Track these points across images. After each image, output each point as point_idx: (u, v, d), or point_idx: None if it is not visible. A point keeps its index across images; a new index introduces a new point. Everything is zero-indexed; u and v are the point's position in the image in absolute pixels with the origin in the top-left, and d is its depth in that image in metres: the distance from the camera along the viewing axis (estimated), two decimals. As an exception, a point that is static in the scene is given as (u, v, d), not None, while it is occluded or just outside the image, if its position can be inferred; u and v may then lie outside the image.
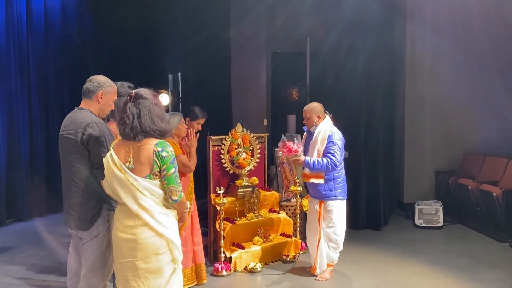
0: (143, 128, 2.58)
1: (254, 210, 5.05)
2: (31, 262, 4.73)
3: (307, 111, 4.37)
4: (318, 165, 4.14)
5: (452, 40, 6.74)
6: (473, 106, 6.79)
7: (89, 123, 2.79)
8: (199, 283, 4.23)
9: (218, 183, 4.96)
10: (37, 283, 4.24)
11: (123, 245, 2.62)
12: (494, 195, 5.67)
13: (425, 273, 4.59)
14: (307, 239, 4.61)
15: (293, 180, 5.57)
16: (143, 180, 2.56)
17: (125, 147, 2.62)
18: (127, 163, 2.58)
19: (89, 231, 2.84)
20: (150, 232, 2.58)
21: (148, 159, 2.58)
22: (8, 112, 6.40)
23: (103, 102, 2.93)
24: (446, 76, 6.85)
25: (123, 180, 2.56)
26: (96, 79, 2.94)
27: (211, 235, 4.94)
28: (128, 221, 2.60)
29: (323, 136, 4.20)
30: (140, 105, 2.62)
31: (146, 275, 2.60)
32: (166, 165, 2.58)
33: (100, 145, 2.77)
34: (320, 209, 4.31)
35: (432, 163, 6.98)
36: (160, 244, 2.59)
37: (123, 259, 2.63)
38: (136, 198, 2.56)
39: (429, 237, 5.83)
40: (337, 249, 4.35)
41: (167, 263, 2.64)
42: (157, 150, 2.57)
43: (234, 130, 5.10)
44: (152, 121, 2.61)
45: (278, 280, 4.45)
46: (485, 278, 4.41)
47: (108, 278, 2.95)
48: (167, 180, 2.60)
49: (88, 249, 2.86)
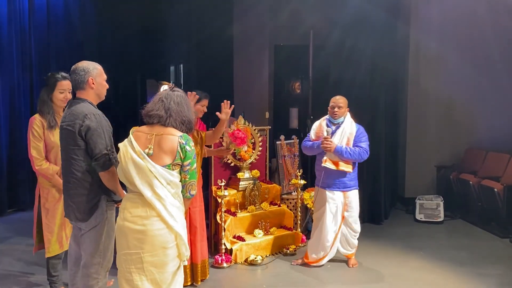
0: (181, 115, 2.63)
1: (255, 202, 5.06)
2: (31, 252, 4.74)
3: (342, 102, 4.42)
4: (351, 151, 4.28)
5: (457, 35, 6.70)
6: (476, 101, 6.77)
7: (86, 114, 2.77)
8: (195, 283, 4.07)
9: (220, 175, 4.97)
10: (38, 271, 4.26)
11: (130, 236, 2.56)
12: (495, 190, 5.66)
13: (425, 267, 4.59)
14: (321, 229, 4.45)
15: (294, 173, 5.57)
16: (162, 168, 2.55)
17: (146, 134, 2.61)
18: (147, 149, 2.57)
19: (87, 222, 2.84)
20: (161, 224, 2.54)
21: (171, 149, 2.56)
22: (10, 105, 6.40)
23: (96, 87, 2.90)
24: (450, 71, 6.81)
25: (141, 166, 2.54)
26: (80, 68, 2.88)
27: (212, 227, 4.95)
28: (139, 211, 2.55)
29: (353, 127, 4.38)
30: (175, 94, 2.67)
31: (150, 268, 2.56)
32: (190, 160, 2.59)
33: (97, 136, 2.76)
34: (345, 200, 4.42)
35: (433, 158, 6.97)
36: (169, 238, 2.57)
37: (128, 251, 2.57)
38: (152, 185, 2.53)
39: (430, 232, 5.83)
40: (357, 236, 4.58)
41: (173, 259, 2.61)
42: (182, 142, 2.57)
43: (236, 123, 5.09)
44: (187, 110, 2.67)
45: (279, 272, 4.47)
46: (485, 273, 4.41)
47: (107, 269, 2.96)
48: (190, 175, 2.62)
49: (87, 240, 2.87)
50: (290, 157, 5.71)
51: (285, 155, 5.68)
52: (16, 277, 4.20)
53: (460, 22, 6.68)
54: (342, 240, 4.55)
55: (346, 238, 4.54)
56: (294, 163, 5.72)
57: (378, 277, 4.37)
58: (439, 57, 6.85)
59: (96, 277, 2.87)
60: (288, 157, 5.70)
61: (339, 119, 4.41)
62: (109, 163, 2.78)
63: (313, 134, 4.54)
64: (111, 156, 2.78)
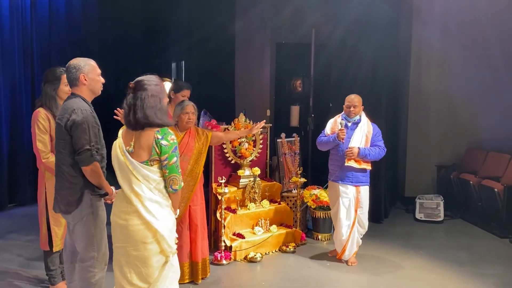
0: (138, 121, 2.58)
1: (255, 200, 5.06)
2: (33, 246, 4.76)
3: (357, 100, 4.52)
4: (374, 152, 4.42)
5: (459, 34, 6.69)
6: (477, 101, 6.76)
7: (74, 109, 2.81)
8: (195, 281, 4.06)
9: (220, 172, 4.97)
10: (38, 266, 4.27)
11: (117, 230, 2.67)
12: (495, 190, 5.66)
13: (424, 266, 4.60)
14: (337, 224, 4.59)
15: (294, 171, 5.57)
16: (138, 164, 2.58)
17: (130, 131, 2.66)
18: (128, 147, 2.62)
19: (72, 214, 2.88)
20: (138, 220, 2.59)
21: (147, 144, 2.59)
22: (12, 100, 6.41)
23: (89, 82, 2.93)
24: (451, 71, 6.81)
25: (121, 162, 2.61)
26: (72, 65, 2.93)
27: (212, 225, 4.95)
28: (123, 206, 2.63)
29: (369, 126, 4.51)
30: (137, 96, 2.61)
31: (135, 262, 2.62)
32: (167, 154, 2.59)
33: (81, 131, 2.77)
34: (358, 195, 4.49)
35: (434, 158, 6.97)
36: (147, 234, 2.59)
37: (118, 244, 2.68)
38: (130, 181, 2.59)
39: (430, 231, 5.84)
40: (363, 233, 4.64)
41: (155, 254, 2.63)
42: (157, 137, 2.59)
43: (237, 120, 5.09)
44: (144, 114, 2.57)
45: (279, 269, 4.48)
46: (485, 273, 4.42)
47: (105, 263, 2.96)
48: (169, 169, 2.61)
49: (79, 234, 2.91)
50: (291, 155, 5.72)
51: (285, 153, 5.68)
52: (16, 272, 4.21)
53: (462, 21, 6.66)
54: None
55: (356, 234, 4.59)
56: (294, 161, 5.72)
57: (378, 275, 4.37)
58: (440, 56, 6.84)
59: (92, 271, 2.89)
60: (289, 155, 5.70)
61: (355, 117, 4.52)
62: (91, 158, 2.78)
63: (329, 129, 4.66)
64: (93, 152, 2.79)
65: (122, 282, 2.68)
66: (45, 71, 3.70)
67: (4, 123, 6.31)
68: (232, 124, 5.04)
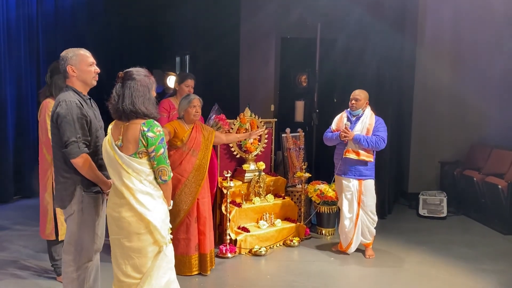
0: (125, 109, 2.59)
1: (260, 194, 5.09)
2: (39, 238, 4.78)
3: (361, 94, 4.58)
4: (368, 139, 4.45)
5: (467, 31, 6.66)
6: (482, 98, 6.73)
7: (60, 102, 2.78)
8: (203, 273, 4.11)
9: (225, 166, 4.99)
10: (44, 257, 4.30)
11: (111, 222, 2.72)
12: (499, 187, 5.67)
13: (427, 262, 4.63)
14: (343, 217, 4.65)
15: (299, 166, 5.59)
16: (127, 158, 2.60)
17: (118, 126, 2.68)
18: (117, 141, 2.64)
19: (65, 209, 2.89)
20: (130, 212, 2.62)
21: (134, 137, 2.60)
22: (17, 91, 6.42)
23: (78, 73, 2.86)
24: (456, 67, 6.79)
25: (111, 157, 2.64)
26: (61, 57, 2.88)
27: (217, 218, 4.98)
28: (116, 199, 2.67)
29: (372, 119, 4.57)
30: (126, 85, 2.62)
31: (130, 253, 2.66)
32: (154, 146, 2.60)
33: (66, 124, 2.74)
34: (360, 188, 4.54)
35: (437, 154, 6.98)
36: (140, 225, 2.62)
37: (113, 236, 2.73)
38: (120, 175, 2.61)
39: (433, 227, 5.86)
40: (375, 224, 4.70)
41: (150, 244, 2.66)
42: (143, 129, 2.59)
43: (243, 115, 5.11)
44: (132, 103, 2.59)
45: (283, 263, 4.51)
46: (487, 269, 4.44)
47: (86, 259, 2.90)
48: (157, 161, 2.63)
49: (67, 227, 2.93)
50: (295, 150, 5.73)
51: (290, 148, 5.69)
52: (22, 263, 4.26)
53: (469, 17, 6.64)
54: (362, 228, 4.64)
55: (366, 225, 4.65)
56: (299, 156, 5.74)
57: (381, 270, 4.40)
58: (446, 53, 6.83)
59: (73, 265, 2.88)
60: (293, 150, 5.71)
61: (357, 111, 4.57)
62: (79, 151, 2.75)
63: (334, 125, 4.72)
64: (81, 144, 2.76)
65: (118, 274, 2.72)
66: (53, 63, 3.67)
67: (10, 114, 6.33)
68: (237, 119, 5.06)
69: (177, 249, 3.95)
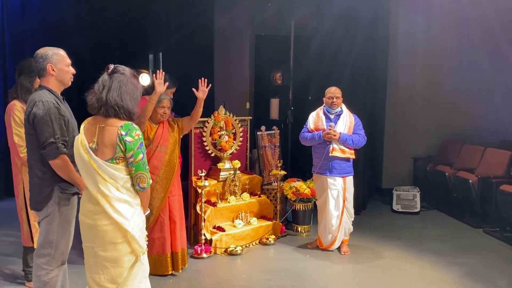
0: (109, 101, 2.43)
1: (236, 193, 5.05)
2: (7, 241, 4.64)
3: (338, 92, 4.63)
4: (354, 138, 4.55)
5: (439, 27, 6.76)
6: (453, 94, 6.87)
7: (36, 102, 2.70)
8: (175, 271, 4.07)
9: (200, 165, 4.94)
10: (13, 263, 4.17)
11: (84, 229, 2.57)
12: (470, 182, 5.80)
13: (402, 257, 4.69)
14: (326, 215, 4.65)
15: (275, 164, 5.59)
16: (104, 163, 2.44)
17: (92, 126, 2.51)
18: (91, 144, 2.47)
19: (41, 211, 2.81)
20: (106, 220, 2.47)
21: (111, 142, 2.44)
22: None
23: (57, 73, 2.82)
24: (428, 64, 6.90)
25: (85, 161, 2.46)
26: (39, 55, 2.82)
27: (192, 218, 4.93)
28: (90, 206, 2.51)
29: (351, 116, 4.64)
30: (114, 77, 2.50)
31: (104, 263, 2.51)
32: (133, 151, 2.44)
33: (43, 124, 2.68)
34: (345, 185, 4.62)
35: (410, 149, 7.09)
36: (117, 234, 2.48)
37: (86, 244, 2.58)
38: (96, 181, 2.45)
39: (406, 222, 5.95)
40: (352, 220, 4.80)
41: (126, 254, 2.52)
42: (121, 133, 2.43)
43: (217, 113, 5.06)
44: (120, 97, 2.46)
45: (259, 262, 4.49)
46: (459, 262, 4.53)
47: (61, 262, 2.85)
48: (135, 167, 2.47)
49: (41, 230, 2.84)
50: (271, 147, 5.72)
51: (265, 145, 5.68)
52: (-10, 268, 4.11)
53: (441, 16, 6.75)
54: None
55: (345, 222, 4.70)
56: (274, 153, 5.73)
57: (356, 267, 4.44)
58: (418, 49, 6.92)
59: (45, 268, 2.81)
60: (269, 148, 5.71)
61: (337, 108, 4.61)
62: (57, 151, 2.69)
63: (312, 124, 4.68)
64: (59, 145, 2.70)
65: (91, 283, 2.59)
66: (20, 62, 3.56)
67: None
68: (212, 117, 5.01)
69: (153, 248, 3.91)
